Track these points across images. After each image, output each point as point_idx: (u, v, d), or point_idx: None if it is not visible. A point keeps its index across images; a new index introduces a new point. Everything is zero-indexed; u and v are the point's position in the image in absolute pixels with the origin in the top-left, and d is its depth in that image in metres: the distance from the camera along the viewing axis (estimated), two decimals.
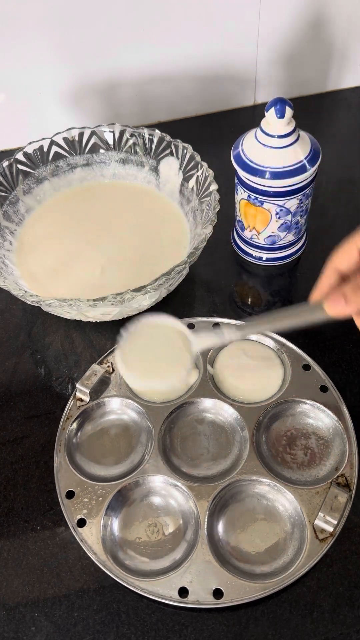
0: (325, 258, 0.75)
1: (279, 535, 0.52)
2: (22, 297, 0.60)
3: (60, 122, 0.87)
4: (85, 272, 0.70)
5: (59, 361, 0.67)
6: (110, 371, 0.63)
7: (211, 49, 0.88)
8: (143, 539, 0.53)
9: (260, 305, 0.71)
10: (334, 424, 0.58)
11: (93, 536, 0.52)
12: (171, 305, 0.71)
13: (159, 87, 0.91)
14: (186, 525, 0.53)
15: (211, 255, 0.74)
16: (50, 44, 0.82)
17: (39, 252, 0.73)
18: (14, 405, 0.64)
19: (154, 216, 0.76)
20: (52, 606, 0.51)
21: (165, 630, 0.49)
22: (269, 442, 0.58)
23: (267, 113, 0.62)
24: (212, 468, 0.57)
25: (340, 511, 0.52)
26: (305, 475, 0.55)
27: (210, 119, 0.96)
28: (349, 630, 0.49)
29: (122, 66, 0.87)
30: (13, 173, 0.74)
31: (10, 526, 0.55)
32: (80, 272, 0.70)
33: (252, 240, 0.72)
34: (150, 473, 0.55)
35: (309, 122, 0.75)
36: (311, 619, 0.49)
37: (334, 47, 0.92)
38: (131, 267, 0.71)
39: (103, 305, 0.58)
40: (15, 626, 0.50)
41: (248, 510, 0.54)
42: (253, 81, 0.94)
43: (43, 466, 0.59)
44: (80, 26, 0.81)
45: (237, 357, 0.63)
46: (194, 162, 0.72)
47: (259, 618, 0.49)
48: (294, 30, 0.88)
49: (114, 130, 0.77)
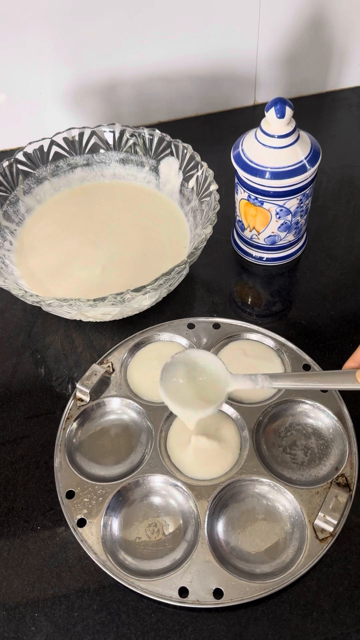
0: (326, 258, 0.75)
1: (279, 535, 0.52)
2: (22, 297, 0.60)
3: (60, 122, 0.87)
4: (86, 272, 0.70)
5: (59, 361, 0.67)
6: (110, 371, 0.63)
7: (211, 49, 0.88)
8: (143, 539, 0.53)
9: (260, 305, 0.71)
10: (334, 424, 0.58)
11: (93, 536, 0.52)
12: (171, 305, 0.71)
13: (159, 87, 0.91)
14: (186, 525, 0.53)
15: (211, 255, 0.74)
16: (50, 44, 0.82)
17: (39, 252, 0.73)
18: (14, 405, 0.64)
19: (154, 216, 0.76)
20: (52, 606, 0.51)
21: (165, 630, 0.49)
22: (269, 442, 0.58)
23: (267, 113, 0.62)
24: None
25: (340, 511, 0.52)
26: (305, 475, 0.55)
27: (210, 119, 0.96)
28: (349, 630, 0.49)
29: (122, 66, 0.87)
30: (13, 173, 0.74)
31: (10, 526, 0.55)
32: (81, 272, 0.70)
33: (252, 240, 0.72)
34: (150, 473, 0.55)
35: (309, 122, 0.75)
36: (311, 619, 0.49)
37: (334, 47, 0.92)
38: (131, 267, 0.71)
39: (103, 305, 0.58)
40: (15, 626, 0.50)
41: (248, 510, 0.54)
42: (253, 81, 0.94)
43: (43, 466, 0.59)
44: (81, 26, 0.81)
45: (237, 357, 0.63)
46: (194, 162, 0.72)
47: (259, 618, 0.49)
48: (294, 30, 0.88)
49: (114, 130, 0.77)
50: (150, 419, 0.59)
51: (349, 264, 0.74)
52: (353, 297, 0.71)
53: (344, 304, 0.70)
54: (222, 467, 0.56)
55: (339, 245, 0.76)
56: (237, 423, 0.59)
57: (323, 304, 0.70)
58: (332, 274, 0.73)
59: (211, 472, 0.56)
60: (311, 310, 0.70)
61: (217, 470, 0.56)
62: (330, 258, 0.75)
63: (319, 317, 0.69)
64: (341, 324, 0.68)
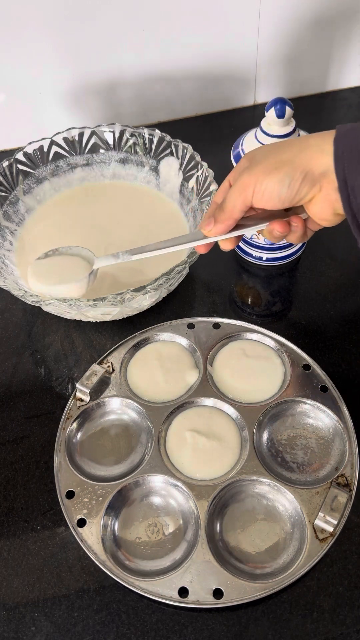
0: (326, 258, 0.75)
1: (279, 535, 0.52)
2: (22, 297, 0.60)
3: (60, 122, 0.87)
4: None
5: (59, 361, 0.67)
6: (110, 371, 0.63)
7: (211, 49, 0.88)
8: (143, 539, 0.53)
9: (260, 305, 0.71)
10: (334, 424, 0.58)
11: (93, 536, 0.52)
12: (171, 305, 0.71)
13: (159, 87, 0.91)
14: (186, 525, 0.53)
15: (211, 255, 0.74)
16: (50, 44, 0.82)
17: (39, 252, 0.72)
18: (14, 405, 0.64)
19: (154, 216, 0.76)
20: (52, 606, 0.51)
21: (165, 630, 0.49)
22: (269, 442, 0.58)
23: (267, 113, 0.62)
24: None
25: (340, 511, 0.52)
26: (305, 475, 0.55)
27: (210, 119, 0.96)
28: (349, 630, 0.49)
29: (122, 66, 0.87)
30: (13, 173, 0.74)
31: (10, 526, 0.55)
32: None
33: (252, 240, 0.72)
34: (150, 473, 0.55)
35: (309, 122, 0.75)
36: (311, 619, 0.49)
37: (334, 47, 0.92)
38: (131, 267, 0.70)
39: (103, 305, 0.58)
40: (15, 626, 0.50)
41: (248, 510, 0.54)
42: (253, 81, 0.94)
43: (43, 466, 0.59)
44: (81, 26, 0.81)
45: (237, 357, 0.63)
46: (194, 162, 0.72)
47: (259, 618, 0.49)
48: (294, 30, 0.88)
49: (114, 130, 0.77)
50: (150, 419, 0.59)
51: (349, 264, 0.74)
52: (353, 297, 0.71)
53: (344, 304, 0.70)
54: (222, 467, 0.56)
55: (339, 245, 0.76)
56: (237, 423, 0.59)
57: (323, 304, 0.70)
58: (332, 274, 0.74)
59: (211, 472, 0.56)
60: (311, 310, 0.70)
61: (217, 470, 0.56)
62: (330, 258, 0.75)
63: (319, 317, 0.69)
64: (341, 324, 0.68)
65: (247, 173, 0.47)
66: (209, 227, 0.51)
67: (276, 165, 0.46)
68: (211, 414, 0.59)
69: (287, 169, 0.45)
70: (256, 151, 0.50)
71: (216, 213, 0.50)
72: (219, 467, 0.56)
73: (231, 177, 0.52)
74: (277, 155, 0.47)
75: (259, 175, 0.46)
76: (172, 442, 0.58)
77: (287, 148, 0.47)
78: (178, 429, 0.58)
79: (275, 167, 0.46)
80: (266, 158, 0.47)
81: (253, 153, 0.50)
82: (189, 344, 0.65)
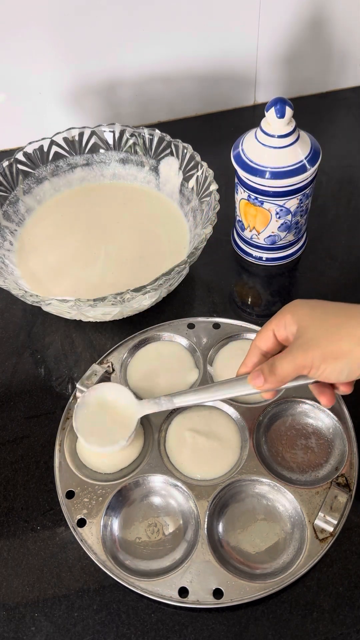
0: (326, 258, 0.75)
1: (279, 535, 0.52)
2: (22, 297, 0.60)
3: (60, 122, 0.87)
4: (85, 272, 0.70)
5: (59, 361, 0.67)
6: (110, 371, 0.63)
7: (211, 49, 0.88)
8: (143, 539, 0.53)
9: (260, 305, 0.71)
10: (334, 424, 0.58)
11: (93, 536, 0.52)
12: (171, 305, 0.71)
13: (159, 87, 0.91)
14: (186, 525, 0.53)
15: (211, 255, 0.74)
16: (50, 44, 0.82)
17: (39, 252, 0.73)
18: (14, 405, 0.64)
19: (154, 216, 0.76)
20: (52, 606, 0.51)
21: (165, 630, 0.49)
22: (269, 442, 0.58)
23: (267, 113, 0.62)
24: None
25: (340, 511, 0.52)
26: (305, 475, 0.55)
27: (210, 119, 0.96)
28: (349, 630, 0.49)
29: (122, 66, 0.87)
30: (13, 173, 0.74)
31: (10, 526, 0.55)
32: (81, 272, 0.70)
33: (252, 240, 0.72)
34: (150, 473, 0.55)
35: (309, 122, 0.75)
36: (311, 619, 0.49)
37: (334, 47, 0.92)
38: (131, 267, 0.71)
39: (103, 305, 0.58)
40: (15, 626, 0.50)
41: (248, 510, 0.54)
42: (253, 81, 0.94)
43: (43, 466, 0.59)
44: (81, 26, 0.81)
45: (237, 357, 0.63)
46: (194, 162, 0.72)
47: (259, 618, 0.49)
48: (294, 30, 0.88)
49: (114, 130, 0.77)
50: (150, 419, 0.59)
51: (349, 264, 0.74)
52: (353, 297, 0.70)
53: None
54: (222, 467, 0.56)
55: (339, 245, 0.76)
56: (237, 423, 0.59)
57: None
58: (332, 274, 0.74)
59: (211, 472, 0.56)
60: None
61: (217, 470, 0.56)
62: (330, 258, 0.75)
63: None
64: None
65: (303, 353, 0.45)
66: (258, 383, 0.49)
67: (335, 354, 0.44)
68: (211, 414, 0.59)
69: (347, 361, 0.44)
70: (306, 318, 0.47)
71: (267, 375, 0.48)
72: (219, 467, 0.56)
73: (275, 327, 0.49)
74: (334, 337, 0.45)
75: (316, 360, 0.45)
76: (172, 442, 0.58)
77: (343, 329, 0.45)
78: (178, 429, 0.58)
79: (334, 357, 0.44)
80: (324, 337, 0.45)
81: (303, 320, 0.47)
82: (189, 343, 0.65)
